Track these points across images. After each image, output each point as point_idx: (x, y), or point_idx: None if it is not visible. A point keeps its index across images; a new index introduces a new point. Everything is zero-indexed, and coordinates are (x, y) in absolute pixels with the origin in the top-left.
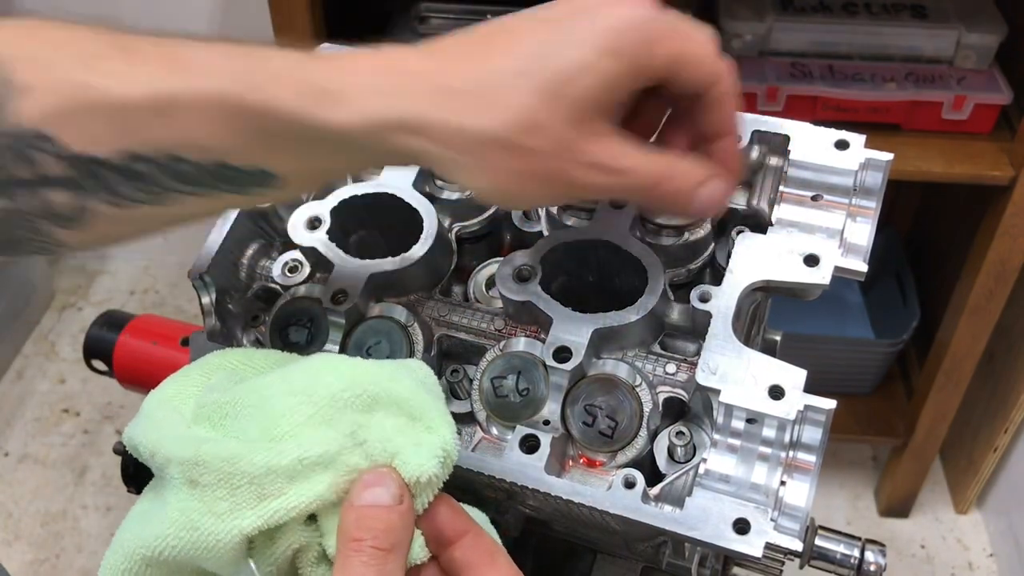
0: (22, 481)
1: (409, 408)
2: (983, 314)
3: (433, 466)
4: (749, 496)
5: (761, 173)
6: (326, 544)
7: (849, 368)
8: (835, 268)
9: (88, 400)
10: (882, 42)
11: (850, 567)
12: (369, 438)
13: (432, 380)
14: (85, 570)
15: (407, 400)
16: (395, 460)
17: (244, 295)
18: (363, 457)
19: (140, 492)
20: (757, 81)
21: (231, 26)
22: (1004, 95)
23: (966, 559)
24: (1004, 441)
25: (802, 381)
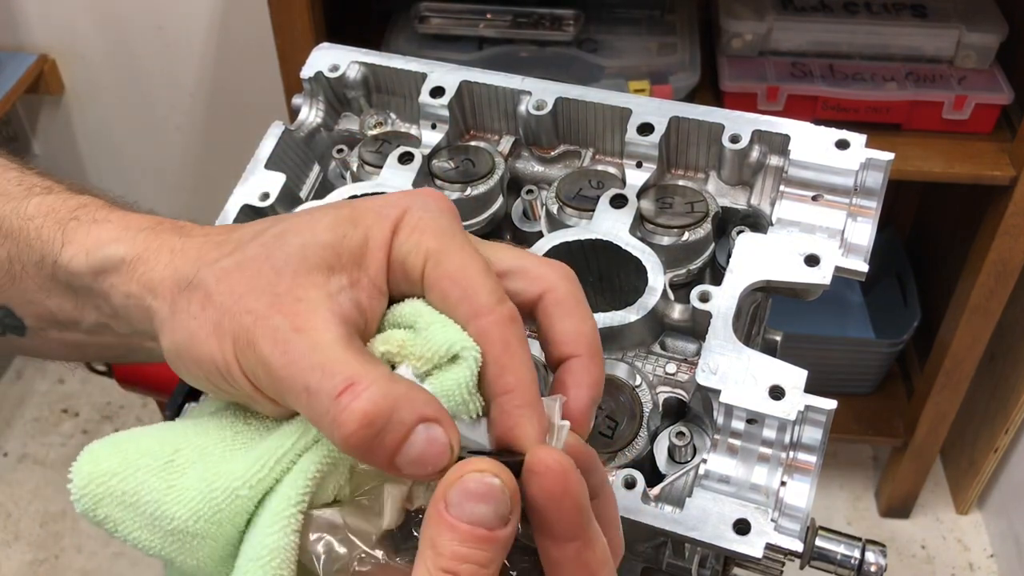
0: (21, 481)
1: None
2: (984, 314)
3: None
4: (749, 497)
5: (761, 173)
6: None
7: (850, 368)
8: (836, 268)
9: (87, 400)
10: (882, 42)
11: (850, 568)
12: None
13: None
14: (84, 570)
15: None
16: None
17: None
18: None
19: None
20: (757, 81)
21: (231, 26)
22: (1005, 95)
23: (967, 559)
24: (1005, 442)
25: (802, 381)
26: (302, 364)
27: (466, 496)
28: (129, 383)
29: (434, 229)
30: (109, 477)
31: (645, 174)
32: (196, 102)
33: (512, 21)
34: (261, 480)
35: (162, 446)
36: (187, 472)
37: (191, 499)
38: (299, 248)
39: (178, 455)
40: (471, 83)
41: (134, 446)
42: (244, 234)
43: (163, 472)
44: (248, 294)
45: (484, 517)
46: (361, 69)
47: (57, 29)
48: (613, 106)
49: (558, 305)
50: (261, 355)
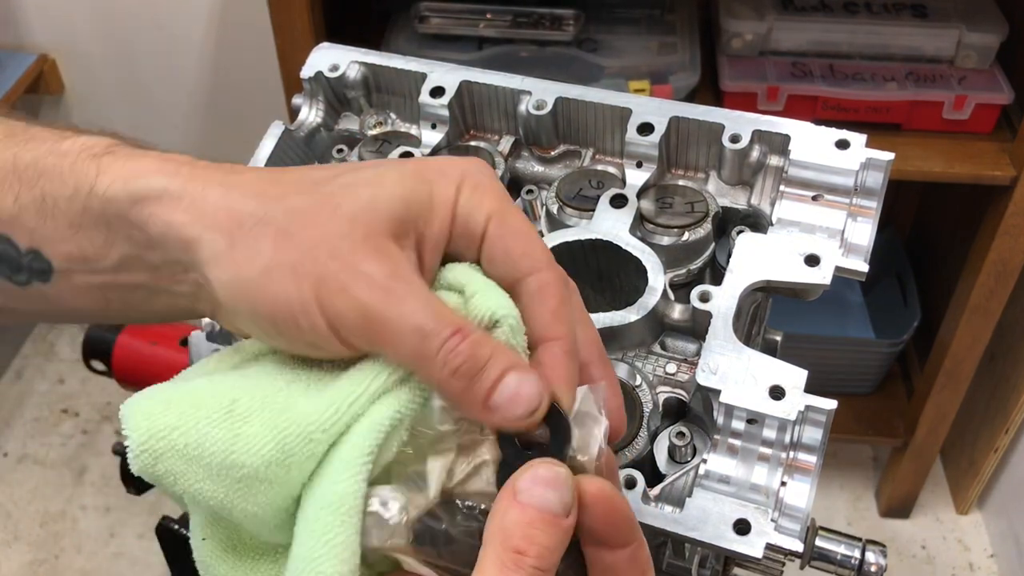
0: (21, 481)
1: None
2: (984, 314)
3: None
4: (749, 497)
5: (762, 173)
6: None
7: (850, 368)
8: (836, 268)
9: (87, 400)
10: (883, 42)
11: (851, 568)
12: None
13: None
14: (84, 570)
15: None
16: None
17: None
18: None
19: (139, 493)
20: (757, 81)
21: (231, 26)
22: (1005, 95)
23: (967, 560)
24: (1005, 442)
25: (803, 381)
26: (409, 307)
27: (536, 482)
28: (129, 383)
29: (493, 191)
30: (169, 431)
31: (645, 174)
32: (196, 102)
33: (512, 21)
34: (335, 424)
35: (216, 397)
36: (251, 420)
37: (262, 446)
38: (370, 200)
39: (236, 404)
40: (471, 83)
41: (187, 399)
42: (305, 176)
43: (225, 422)
44: (327, 240)
45: (552, 502)
46: (361, 69)
47: (57, 29)
48: (613, 106)
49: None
50: (357, 300)
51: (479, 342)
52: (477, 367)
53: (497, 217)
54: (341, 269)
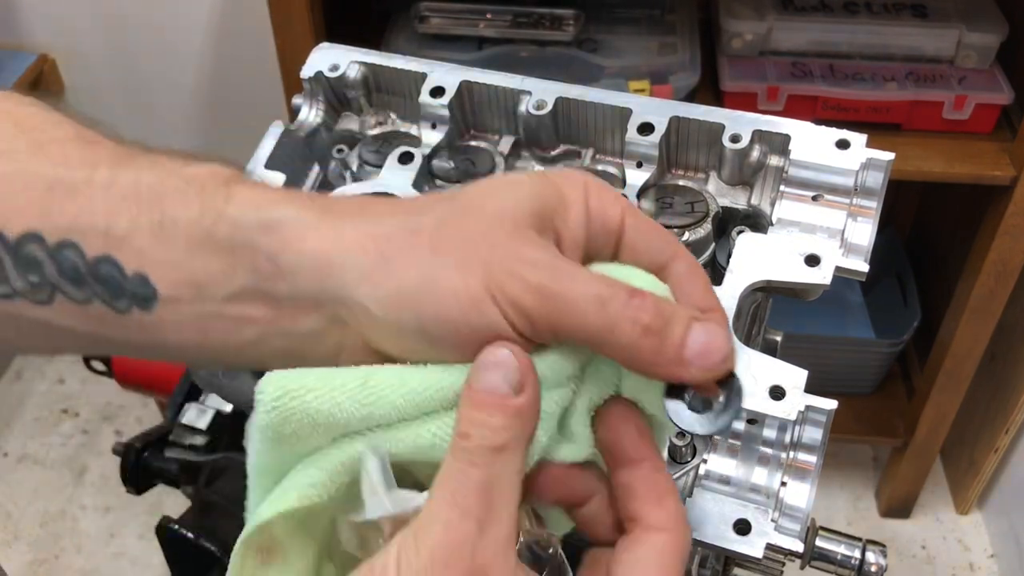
0: (21, 481)
1: None
2: (984, 314)
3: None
4: (750, 497)
5: (762, 173)
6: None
7: (850, 368)
8: (836, 268)
9: (87, 400)
10: (883, 41)
11: (851, 568)
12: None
13: None
14: (84, 570)
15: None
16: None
17: None
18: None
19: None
20: (758, 81)
21: (231, 26)
22: (1005, 95)
23: (967, 560)
24: (1005, 442)
25: (803, 381)
26: (582, 280)
27: (479, 367)
28: (129, 383)
29: (614, 191)
30: (305, 392)
31: (645, 174)
32: (196, 102)
33: (512, 21)
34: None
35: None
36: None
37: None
38: (512, 200)
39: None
40: (471, 83)
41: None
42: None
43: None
44: (481, 236)
45: (494, 383)
46: (361, 69)
47: (57, 29)
48: (613, 106)
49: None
50: (530, 282)
51: (658, 298)
52: (665, 321)
53: (630, 212)
54: (504, 257)
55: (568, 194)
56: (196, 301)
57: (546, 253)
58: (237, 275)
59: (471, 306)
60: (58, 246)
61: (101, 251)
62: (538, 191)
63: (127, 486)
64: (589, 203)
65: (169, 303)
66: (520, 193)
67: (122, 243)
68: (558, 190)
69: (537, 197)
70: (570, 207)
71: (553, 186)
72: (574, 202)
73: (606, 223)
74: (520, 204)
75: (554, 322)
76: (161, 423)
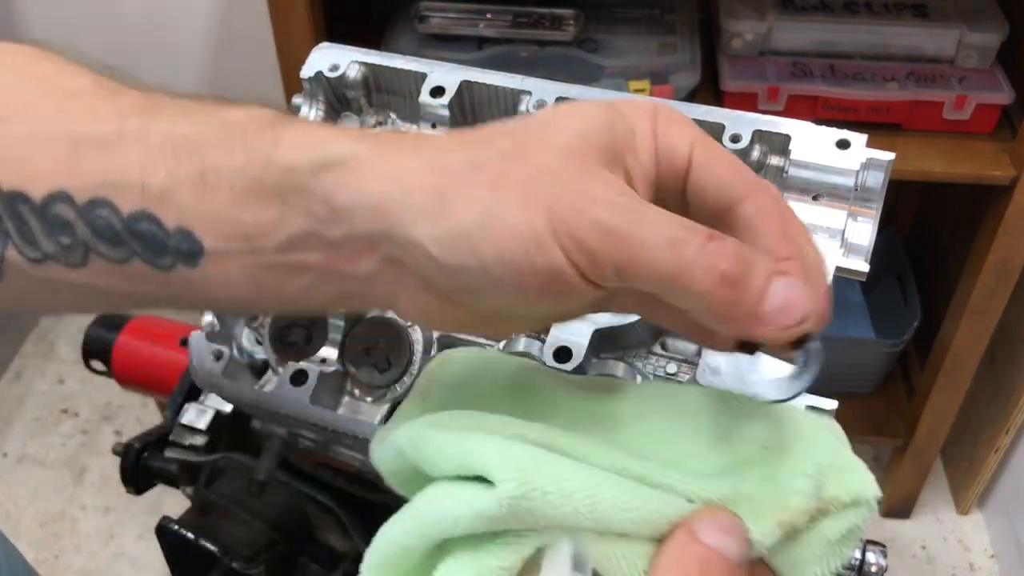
0: (21, 482)
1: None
2: (984, 314)
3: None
4: None
5: (762, 173)
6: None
7: (850, 368)
8: (836, 268)
9: (87, 400)
10: (883, 41)
11: (851, 568)
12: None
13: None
14: (84, 571)
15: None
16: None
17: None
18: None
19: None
20: (758, 81)
21: (231, 26)
22: (1005, 95)
23: (967, 560)
24: (1005, 442)
25: None
26: (653, 219)
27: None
28: (129, 383)
29: (687, 122)
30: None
31: None
32: None
33: (512, 21)
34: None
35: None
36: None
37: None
38: (580, 132)
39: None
40: (471, 83)
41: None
42: (500, 125)
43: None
44: (546, 171)
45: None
46: (361, 69)
47: (57, 29)
48: None
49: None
50: (597, 219)
51: (739, 244)
52: (744, 271)
53: (700, 145)
54: (571, 195)
55: (637, 126)
56: (247, 253)
57: (614, 190)
58: (289, 222)
59: (534, 246)
60: (89, 205)
61: (138, 207)
62: (607, 122)
63: (127, 486)
64: (658, 136)
65: (217, 257)
66: (588, 124)
67: (162, 198)
68: (627, 122)
69: (606, 129)
70: (640, 140)
71: (622, 117)
72: (644, 135)
73: (674, 160)
74: (588, 137)
75: (620, 263)
76: (161, 423)
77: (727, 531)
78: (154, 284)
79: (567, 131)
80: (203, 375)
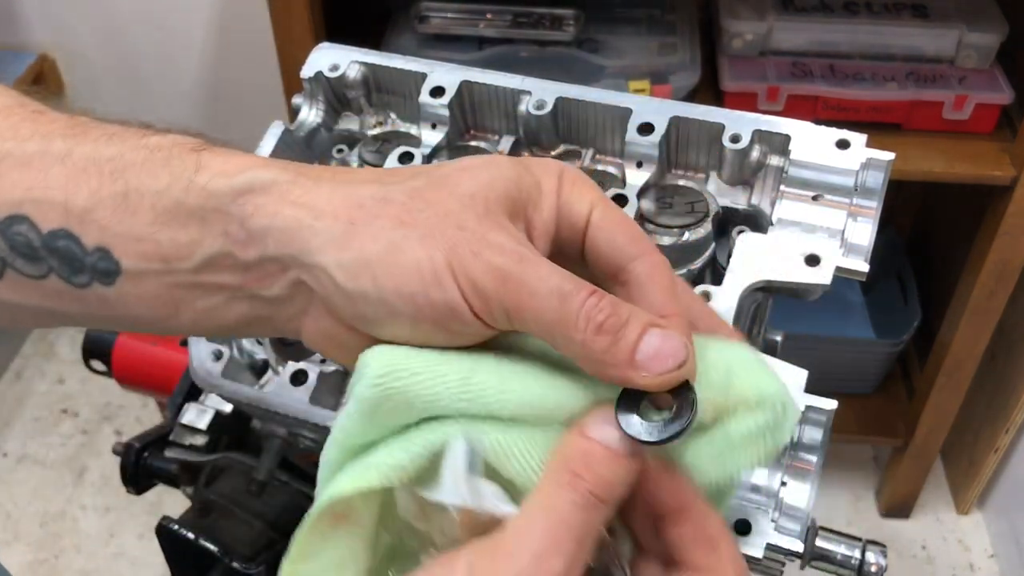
0: (21, 482)
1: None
2: (984, 314)
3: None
4: (750, 497)
5: (762, 173)
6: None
7: (850, 368)
8: (836, 268)
9: (87, 400)
10: (883, 41)
11: (851, 568)
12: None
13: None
14: (84, 571)
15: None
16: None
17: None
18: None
19: (139, 493)
20: (758, 81)
21: (231, 26)
22: (1005, 95)
23: (967, 560)
24: (1005, 441)
25: (803, 381)
26: (545, 271)
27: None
28: (129, 383)
29: (590, 184)
30: (410, 375)
31: (645, 174)
32: (196, 102)
33: (512, 21)
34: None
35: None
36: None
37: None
38: (488, 180)
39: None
40: (471, 83)
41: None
42: (415, 167)
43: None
44: (451, 214)
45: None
46: (361, 69)
47: (57, 28)
48: (613, 106)
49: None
50: (493, 264)
51: (618, 301)
52: (620, 322)
53: (599, 207)
54: (471, 238)
55: (543, 183)
56: (163, 274)
57: (513, 239)
58: (207, 243)
59: (432, 280)
60: (8, 220)
61: (57, 225)
62: (515, 175)
63: (127, 486)
64: (561, 195)
65: (133, 277)
66: (496, 175)
67: (83, 217)
68: (535, 177)
69: (513, 181)
70: (544, 197)
71: (530, 173)
72: (548, 192)
73: (573, 218)
74: (495, 186)
75: (510, 307)
76: (161, 423)
77: (614, 424)
78: (70, 301)
79: (476, 179)
80: (203, 375)
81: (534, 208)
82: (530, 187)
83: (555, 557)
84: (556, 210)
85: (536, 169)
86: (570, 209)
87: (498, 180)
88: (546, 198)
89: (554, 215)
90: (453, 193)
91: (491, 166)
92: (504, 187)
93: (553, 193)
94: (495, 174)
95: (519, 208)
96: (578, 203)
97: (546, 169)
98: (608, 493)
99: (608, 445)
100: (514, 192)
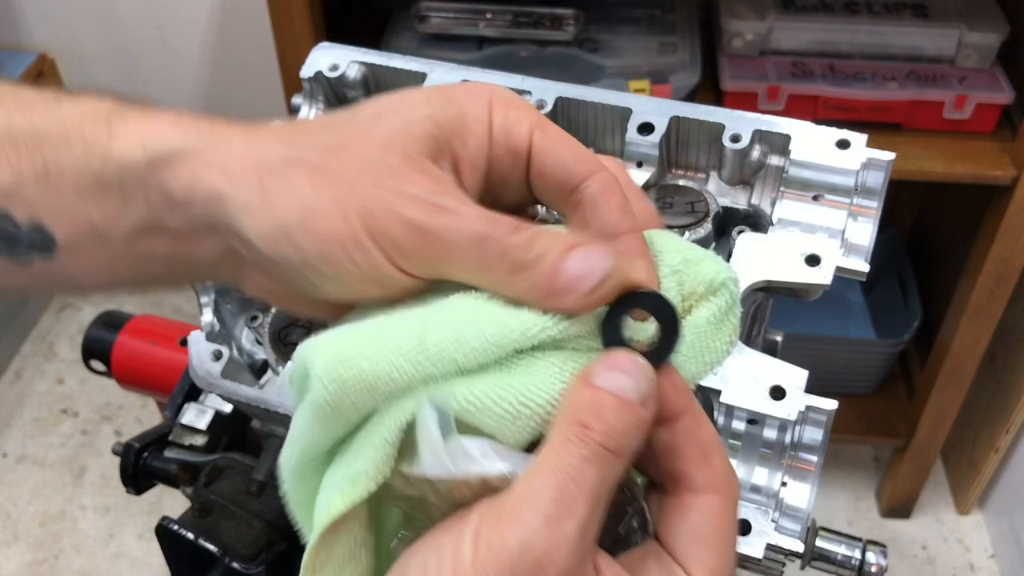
0: (20, 482)
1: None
2: (984, 314)
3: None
4: (750, 497)
5: (762, 173)
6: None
7: (850, 368)
8: (836, 268)
9: (87, 400)
10: (883, 41)
11: (851, 568)
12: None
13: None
14: (84, 571)
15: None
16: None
17: (242, 295)
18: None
19: (139, 493)
20: (758, 81)
21: (230, 26)
22: (1006, 94)
23: (967, 560)
24: (1006, 442)
25: (803, 381)
26: (461, 218)
27: (610, 367)
28: (129, 383)
29: (525, 106)
30: (359, 359)
31: (645, 174)
32: (196, 102)
33: (512, 20)
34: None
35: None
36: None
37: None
38: (402, 125)
39: (427, 335)
40: (471, 83)
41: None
42: (328, 119)
43: (416, 355)
44: (365, 169)
45: (625, 386)
46: (361, 69)
47: (57, 29)
48: (613, 106)
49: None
50: (409, 220)
51: (536, 231)
52: (537, 255)
53: (539, 129)
54: (386, 195)
55: (469, 113)
56: (97, 245)
57: (429, 187)
58: (131, 213)
59: (353, 245)
60: None
61: None
62: (435, 112)
63: (127, 486)
64: (493, 123)
65: (70, 249)
66: (410, 117)
67: (10, 193)
68: (459, 108)
69: (430, 119)
70: (471, 127)
71: (454, 104)
72: (475, 122)
73: (512, 144)
74: (410, 130)
75: (432, 261)
76: (161, 423)
77: (623, 370)
78: (16, 276)
79: (389, 126)
80: (203, 375)
81: (460, 142)
82: (452, 120)
83: (567, 520)
84: (489, 139)
85: (460, 97)
86: (508, 136)
87: (412, 123)
88: (473, 128)
89: (485, 145)
90: (368, 145)
91: (404, 108)
92: (421, 128)
93: (483, 122)
94: (408, 117)
95: (442, 145)
96: (516, 127)
97: (473, 95)
98: (620, 444)
99: (618, 394)
100: (433, 130)
